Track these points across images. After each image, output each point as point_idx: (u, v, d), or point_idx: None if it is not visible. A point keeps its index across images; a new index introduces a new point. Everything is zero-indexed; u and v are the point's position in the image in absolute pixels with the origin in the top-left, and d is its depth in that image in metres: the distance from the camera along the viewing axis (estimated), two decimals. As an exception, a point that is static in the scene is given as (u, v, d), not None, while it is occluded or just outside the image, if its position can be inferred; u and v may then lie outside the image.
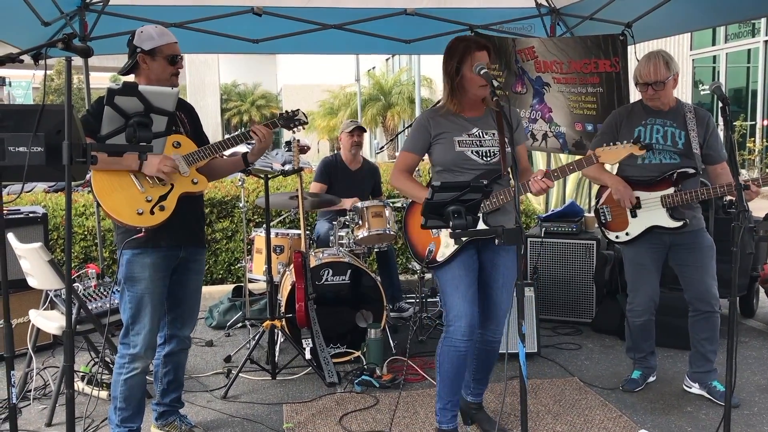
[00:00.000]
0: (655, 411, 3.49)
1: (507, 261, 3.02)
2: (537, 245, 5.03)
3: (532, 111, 5.36)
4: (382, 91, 28.09)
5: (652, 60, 3.39)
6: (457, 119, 2.99)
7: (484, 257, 3.03)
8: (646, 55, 3.46)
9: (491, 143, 2.96)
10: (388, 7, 5.30)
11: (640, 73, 3.43)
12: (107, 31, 4.84)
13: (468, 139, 2.95)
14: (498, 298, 3.03)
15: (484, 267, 3.04)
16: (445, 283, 2.96)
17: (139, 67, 2.91)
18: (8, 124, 1.92)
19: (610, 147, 2.76)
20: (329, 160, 5.36)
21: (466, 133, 2.96)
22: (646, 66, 3.40)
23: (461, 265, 2.94)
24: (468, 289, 2.92)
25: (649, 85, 3.41)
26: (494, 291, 3.03)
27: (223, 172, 3.27)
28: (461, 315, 2.88)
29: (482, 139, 2.97)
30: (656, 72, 3.37)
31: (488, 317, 3.06)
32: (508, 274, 3.01)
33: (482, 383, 3.26)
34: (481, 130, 2.98)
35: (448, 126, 2.98)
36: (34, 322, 3.75)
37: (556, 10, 5.47)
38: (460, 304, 2.89)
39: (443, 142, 2.97)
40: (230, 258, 6.34)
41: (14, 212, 4.58)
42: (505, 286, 3.02)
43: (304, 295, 4.00)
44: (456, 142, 2.94)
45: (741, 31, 14.19)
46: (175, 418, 3.27)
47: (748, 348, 4.40)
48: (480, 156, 2.94)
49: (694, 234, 3.50)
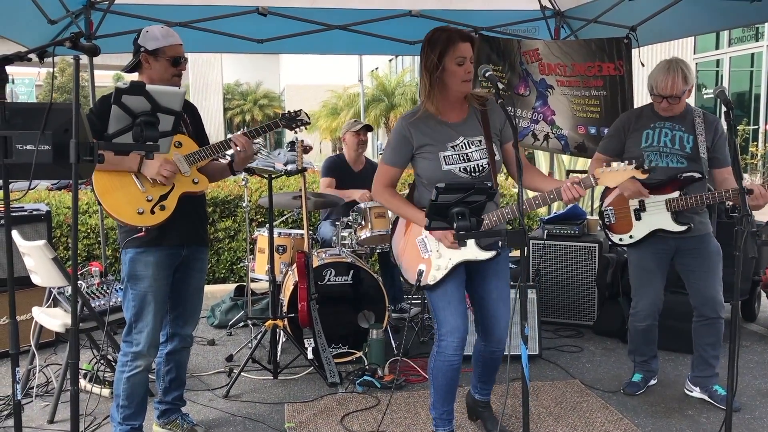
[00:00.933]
0: (656, 414, 3.50)
1: (498, 272, 2.93)
2: (539, 247, 5.03)
3: (534, 112, 5.37)
4: (385, 92, 28.11)
5: (671, 73, 3.30)
6: (438, 126, 2.81)
7: (473, 270, 2.93)
8: (664, 65, 3.36)
9: (478, 155, 2.80)
10: (393, 8, 5.31)
11: (657, 85, 3.36)
12: (112, 29, 4.85)
13: (454, 154, 2.78)
14: (496, 312, 2.94)
15: (474, 281, 2.95)
16: (437, 299, 2.88)
17: (141, 66, 2.92)
18: (16, 122, 1.93)
19: (611, 168, 2.63)
20: (333, 159, 5.35)
21: (450, 145, 2.79)
22: (664, 79, 3.32)
23: (452, 281, 2.85)
24: (459, 304, 2.86)
25: (664, 98, 3.37)
26: (490, 304, 2.94)
27: (213, 178, 3.20)
28: (453, 330, 2.83)
29: (468, 151, 2.79)
30: (674, 86, 3.31)
31: (489, 332, 2.98)
32: (500, 285, 2.94)
33: (488, 383, 3.24)
34: (466, 140, 2.81)
35: (431, 136, 2.79)
36: (38, 319, 3.77)
37: (560, 12, 5.48)
38: (452, 320, 2.83)
39: (428, 156, 2.80)
40: (233, 257, 6.36)
41: (18, 210, 4.60)
42: (501, 298, 2.94)
43: (306, 294, 4.01)
44: (442, 159, 2.77)
45: (745, 35, 14.20)
46: (177, 417, 3.28)
47: (749, 352, 4.40)
48: (468, 173, 2.78)
49: (700, 239, 3.49)
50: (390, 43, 5.65)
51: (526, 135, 5.47)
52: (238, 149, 3.04)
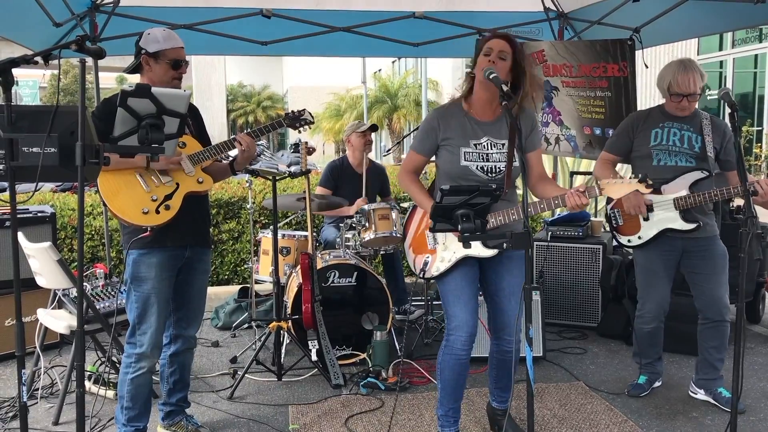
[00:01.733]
0: (660, 416, 3.49)
1: (511, 269, 2.97)
2: (543, 249, 5.03)
3: (543, 114, 5.36)
4: (389, 94, 28.10)
5: (690, 72, 3.35)
6: (467, 122, 2.90)
7: (486, 267, 2.98)
8: (679, 64, 3.41)
9: (498, 157, 2.87)
10: (397, 10, 5.32)
11: (678, 84, 3.38)
12: (117, 32, 4.86)
13: (475, 152, 2.86)
14: (506, 306, 2.98)
15: (488, 277, 3.00)
16: (448, 293, 2.93)
17: (142, 68, 2.94)
18: (22, 124, 1.94)
19: (615, 181, 2.66)
20: (336, 164, 5.31)
21: (474, 142, 2.87)
22: (684, 77, 3.36)
23: (463, 276, 2.90)
24: (470, 300, 2.90)
25: (684, 96, 3.39)
26: (502, 300, 2.99)
27: (214, 178, 3.17)
28: (462, 325, 2.86)
29: (489, 152, 2.87)
30: (694, 84, 3.36)
31: (500, 326, 3.02)
32: (513, 282, 2.97)
33: (505, 390, 3.18)
34: (490, 140, 2.88)
35: (457, 129, 2.89)
36: (42, 321, 3.78)
37: (564, 14, 5.48)
38: (462, 315, 2.87)
39: (450, 149, 2.89)
40: (236, 259, 6.36)
41: (23, 212, 4.60)
42: (512, 294, 2.97)
43: (310, 296, 4.01)
44: (462, 153, 2.86)
45: (748, 36, 14.16)
46: (182, 418, 3.28)
47: (754, 354, 4.39)
48: (485, 172, 2.85)
49: (707, 241, 3.49)
50: (393, 45, 5.66)
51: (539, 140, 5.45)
52: (242, 148, 3.05)
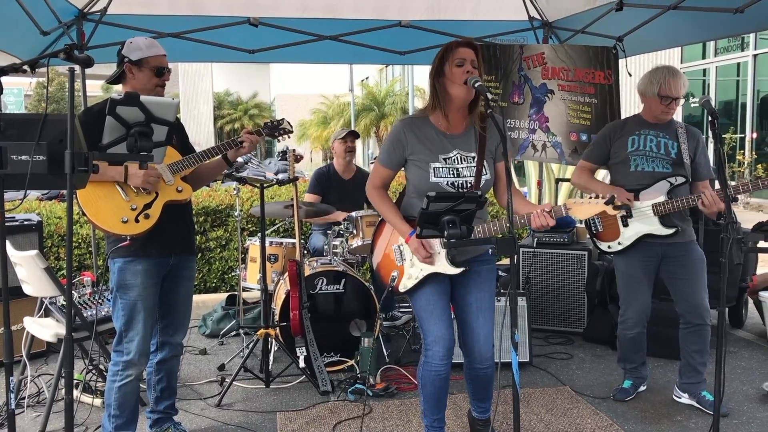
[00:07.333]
0: (645, 420, 3.53)
1: (480, 283, 2.91)
2: (529, 255, 5.07)
3: (530, 121, 5.40)
4: (376, 101, 28.18)
5: (677, 78, 3.45)
6: (435, 135, 2.82)
7: (455, 282, 2.91)
8: (670, 70, 3.48)
9: (468, 172, 2.81)
10: (383, 18, 5.35)
11: (669, 87, 3.44)
12: (104, 40, 4.85)
13: (444, 167, 2.79)
14: (474, 323, 2.89)
15: (457, 292, 2.93)
16: (420, 310, 2.87)
17: (125, 76, 2.95)
18: (11, 132, 1.95)
19: (583, 201, 2.66)
20: (322, 171, 5.38)
21: (443, 156, 2.79)
22: (673, 82, 3.44)
23: (434, 291, 2.85)
24: (443, 313, 2.85)
25: (673, 100, 3.47)
26: (469, 316, 2.90)
27: (209, 176, 3.25)
28: (438, 339, 2.81)
29: (459, 166, 2.80)
30: (683, 88, 3.46)
31: (469, 347, 2.94)
32: (481, 297, 2.90)
33: (483, 401, 3.13)
34: (460, 153, 2.82)
35: (425, 144, 2.81)
36: (29, 329, 3.76)
37: (548, 23, 5.53)
38: (437, 330, 2.82)
39: (419, 164, 2.80)
40: (224, 266, 6.35)
41: (9, 220, 4.59)
42: (480, 309, 2.89)
43: (298, 303, 4.02)
44: (432, 170, 2.78)
45: (730, 45, 14.35)
46: (170, 426, 3.28)
47: (736, 358, 4.45)
48: (456, 188, 2.79)
49: (684, 246, 3.55)
50: (380, 53, 5.69)
51: (526, 147, 5.45)
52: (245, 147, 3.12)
